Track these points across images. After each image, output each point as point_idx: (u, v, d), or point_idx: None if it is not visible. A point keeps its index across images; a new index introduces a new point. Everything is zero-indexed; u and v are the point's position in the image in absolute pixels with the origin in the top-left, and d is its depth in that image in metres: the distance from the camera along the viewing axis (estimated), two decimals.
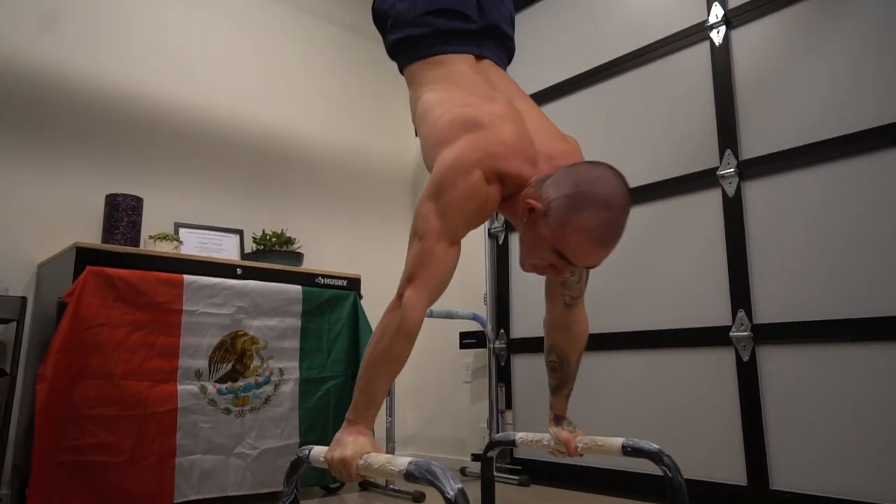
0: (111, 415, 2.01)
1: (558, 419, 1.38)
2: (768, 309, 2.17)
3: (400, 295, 1.12)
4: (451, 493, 0.80)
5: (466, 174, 1.12)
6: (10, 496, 2.20)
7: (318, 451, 1.09)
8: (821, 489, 1.98)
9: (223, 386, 2.30)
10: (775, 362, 2.14)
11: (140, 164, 2.77)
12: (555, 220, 1.08)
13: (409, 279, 1.12)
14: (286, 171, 3.28)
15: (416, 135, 1.40)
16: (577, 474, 2.60)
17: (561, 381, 1.37)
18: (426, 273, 1.11)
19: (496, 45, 1.43)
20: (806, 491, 2.01)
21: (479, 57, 1.37)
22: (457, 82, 1.31)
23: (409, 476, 0.88)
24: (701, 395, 2.31)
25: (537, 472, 2.77)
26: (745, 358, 2.19)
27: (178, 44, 2.98)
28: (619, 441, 1.25)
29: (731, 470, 2.18)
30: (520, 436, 1.43)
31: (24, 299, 2.17)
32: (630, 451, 1.22)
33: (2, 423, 2.08)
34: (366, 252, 3.49)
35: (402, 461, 0.90)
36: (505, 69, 1.47)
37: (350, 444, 1.02)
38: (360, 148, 3.60)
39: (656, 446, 1.19)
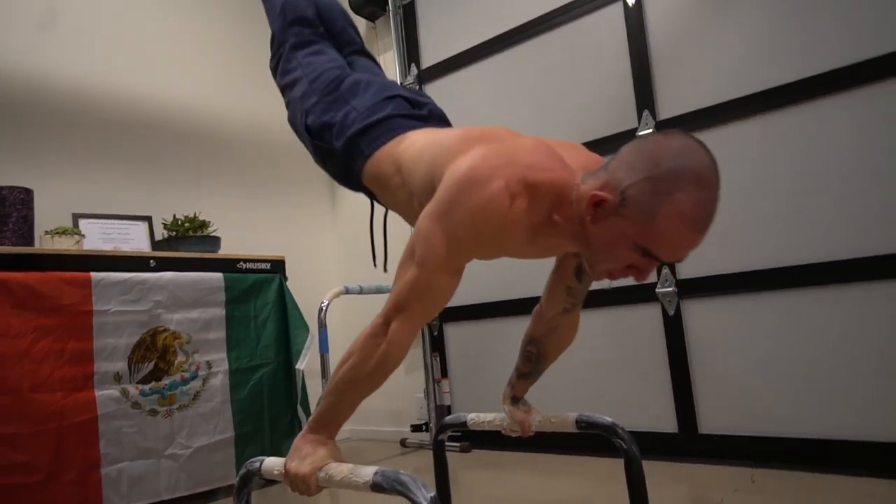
0: (22, 432, 1.85)
1: (515, 399, 1.38)
2: (690, 264, 2.26)
3: (387, 322, 0.97)
4: (425, 503, 0.77)
5: (483, 184, 0.91)
6: None
7: (270, 464, 1.03)
8: (745, 429, 2.12)
9: (146, 387, 2.16)
10: (698, 314, 2.24)
11: (25, 151, 2.50)
12: (637, 211, 0.87)
13: (398, 308, 0.96)
14: (193, 151, 3.06)
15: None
16: (520, 437, 2.66)
17: (533, 370, 1.35)
18: (419, 306, 0.97)
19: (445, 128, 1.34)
20: (731, 432, 2.14)
21: None
22: (440, 131, 1.17)
23: (376, 487, 0.84)
24: (630, 351, 2.39)
25: (477, 437, 2.81)
26: (671, 312, 2.28)
27: (63, 16, 2.67)
28: (572, 416, 1.26)
29: (662, 419, 2.29)
30: (471, 417, 1.42)
31: None
32: (584, 425, 1.24)
33: None
34: (286, 231, 3.36)
35: (366, 471, 0.86)
36: None
37: (309, 456, 0.96)
38: (269, 121, 3.40)
39: (609, 419, 1.22)
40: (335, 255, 3.62)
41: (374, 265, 1.50)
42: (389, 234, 1.52)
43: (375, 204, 1.40)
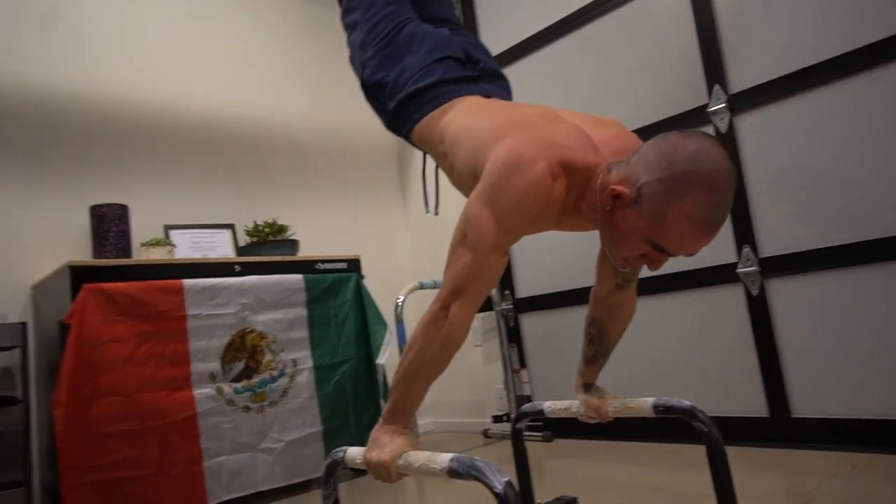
0: (132, 429, 2.01)
1: (587, 386, 1.37)
2: (773, 242, 2.16)
3: (445, 307, 1.01)
4: (499, 488, 0.79)
5: (528, 166, 0.97)
6: None
7: (353, 453, 1.07)
8: (842, 412, 2.01)
9: (239, 385, 2.29)
10: (785, 293, 2.14)
11: (120, 170, 2.70)
12: (650, 209, 0.93)
13: (456, 292, 1.00)
14: (269, 159, 3.21)
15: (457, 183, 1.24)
16: (599, 424, 2.63)
17: (597, 353, 1.34)
18: (475, 287, 1.00)
19: (496, 86, 1.37)
20: (828, 415, 2.04)
21: (486, 96, 1.31)
22: (478, 109, 1.22)
23: (452, 473, 0.86)
24: (713, 334, 2.32)
25: (559, 427, 2.80)
26: (755, 292, 2.19)
27: (146, 42, 2.86)
28: (649, 401, 1.24)
29: (751, 403, 2.20)
30: (547, 405, 1.43)
31: (24, 325, 2.13)
32: (662, 410, 1.22)
33: (24, 449, 2.08)
34: (360, 231, 3.46)
35: (443, 458, 0.89)
36: None
37: (388, 445, 1.00)
38: (340, 126, 3.52)
39: (688, 403, 1.19)
40: (408, 252, 3.69)
41: (427, 211, 1.55)
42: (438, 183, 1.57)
43: (427, 155, 1.45)
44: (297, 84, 3.39)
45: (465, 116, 1.20)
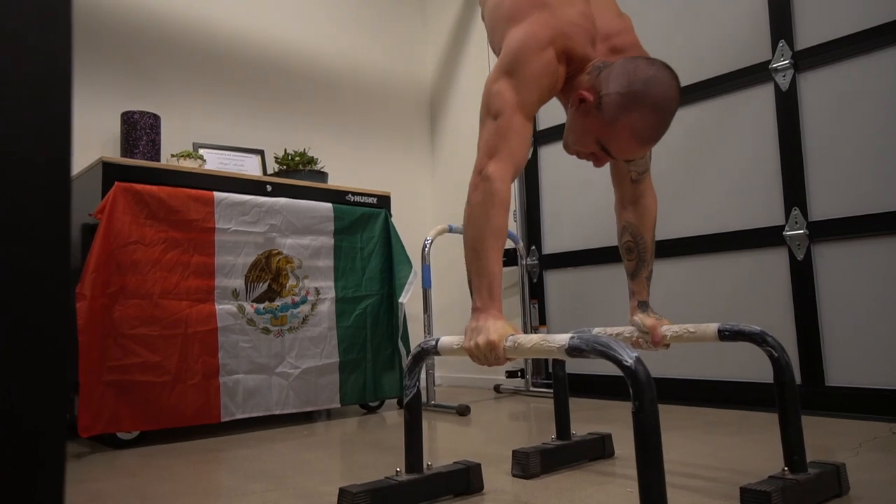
0: (153, 334, 1.94)
1: (642, 305, 1.34)
2: (825, 205, 2.12)
3: (481, 170, 1.10)
4: (629, 362, 0.74)
5: (541, 51, 1.12)
6: None
7: (447, 341, 1.01)
8: (879, 382, 1.98)
9: (261, 306, 2.22)
10: (831, 259, 2.10)
11: (154, 82, 2.59)
12: (604, 115, 1.10)
13: (489, 154, 1.10)
14: (304, 91, 3.11)
15: None
16: (610, 384, 2.59)
17: (638, 261, 1.36)
18: (507, 146, 1.09)
19: None
20: (862, 385, 2.01)
21: None
22: None
23: (573, 351, 0.80)
24: (752, 298, 2.27)
25: (572, 385, 2.76)
26: (800, 257, 2.14)
27: None
28: (713, 326, 1.18)
29: None
30: (596, 330, 1.37)
31: None
32: (728, 334, 1.16)
33: None
34: (386, 172, 3.37)
35: (561, 337, 0.83)
36: None
37: (492, 329, 0.96)
38: (376, 68, 3.43)
39: (758, 328, 1.13)
40: (432, 199, 3.62)
41: None
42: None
43: None
44: (343, 20, 3.29)
45: None
